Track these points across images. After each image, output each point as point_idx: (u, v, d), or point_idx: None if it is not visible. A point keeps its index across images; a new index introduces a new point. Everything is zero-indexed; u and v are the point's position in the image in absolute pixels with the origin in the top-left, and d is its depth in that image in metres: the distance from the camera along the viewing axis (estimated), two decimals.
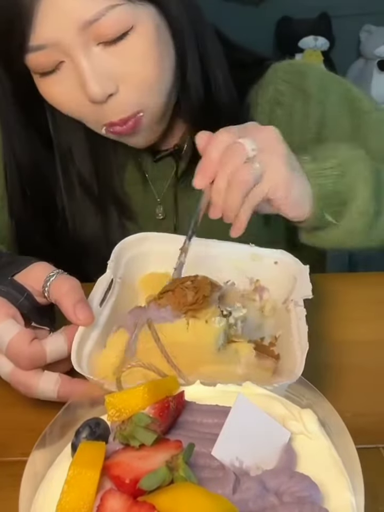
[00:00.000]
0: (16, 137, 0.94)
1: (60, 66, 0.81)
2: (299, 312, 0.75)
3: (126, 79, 0.81)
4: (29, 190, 0.97)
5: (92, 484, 0.48)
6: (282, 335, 0.78)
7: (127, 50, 0.80)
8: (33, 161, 0.96)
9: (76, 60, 0.79)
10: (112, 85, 0.81)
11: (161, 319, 0.72)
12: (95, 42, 0.79)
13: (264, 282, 0.80)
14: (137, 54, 0.81)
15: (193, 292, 0.72)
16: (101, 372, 0.69)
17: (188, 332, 0.71)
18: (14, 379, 0.70)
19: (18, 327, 0.70)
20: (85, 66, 0.79)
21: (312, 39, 2.99)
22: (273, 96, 0.99)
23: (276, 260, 0.84)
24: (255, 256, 0.84)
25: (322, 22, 2.99)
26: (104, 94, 0.80)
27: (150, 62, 0.82)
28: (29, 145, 0.95)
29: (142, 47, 0.81)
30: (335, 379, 0.74)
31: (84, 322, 0.71)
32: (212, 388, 0.61)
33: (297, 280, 0.80)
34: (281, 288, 0.81)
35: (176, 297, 0.72)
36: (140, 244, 0.86)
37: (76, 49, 0.78)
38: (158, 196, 1.02)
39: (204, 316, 0.72)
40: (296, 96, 0.98)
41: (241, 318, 0.75)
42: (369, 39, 3.00)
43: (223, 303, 0.75)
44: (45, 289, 0.74)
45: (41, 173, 0.97)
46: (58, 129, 0.94)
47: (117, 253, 0.83)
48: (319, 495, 0.49)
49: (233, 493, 0.48)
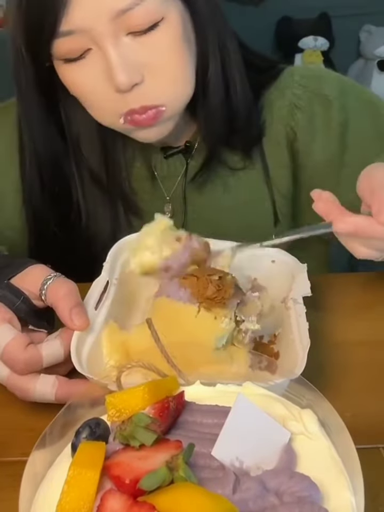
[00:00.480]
0: (36, 128, 0.94)
1: (86, 53, 0.81)
2: (299, 309, 0.75)
3: (152, 69, 0.82)
4: (47, 180, 0.97)
5: (92, 484, 0.48)
6: (282, 333, 0.78)
7: (155, 41, 0.81)
8: (52, 152, 0.96)
9: (104, 48, 0.79)
10: (138, 75, 0.81)
11: (177, 297, 0.73)
12: (125, 32, 0.80)
13: (262, 281, 0.81)
14: (165, 46, 0.82)
15: (215, 289, 0.73)
16: (100, 372, 0.69)
17: (195, 319, 0.72)
18: (11, 384, 0.70)
19: (14, 332, 0.70)
20: (113, 55, 0.79)
21: (312, 39, 2.99)
22: (291, 100, 0.99)
23: (273, 259, 0.85)
24: (252, 255, 0.84)
25: (322, 22, 2.99)
26: (130, 83, 0.81)
27: (176, 54, 0.83)
28: (48, 136, 0.95)
29: (170, 39, 0.82)
30: (335, 379, 0.74)
31: (80, 328, 0.71)
32: (212, 388, 0.61)
33: (295, 279, 0.81)
34: (279, 286, 0.81)
35: (198, 286, 0.73)
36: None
37: (106, 38, 0.79)
38: (167, 193, 1.02)
39: (215, 313, 0.72)
40: (314, 101, 0.98)
41: (251, 331, 0.75)
42: (369, 39, 3.00)
43: (240, 310, 0.75)
44: (42, 292, 0.74)
45: (58, 164, 0.97)
46: (70, 121, 0.94)
47: (113, 254, 0.83)
48: (319, 495, 0.49)
49: (233, 493, 0.48)
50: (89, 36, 0.79)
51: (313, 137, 0.89)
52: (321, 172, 1.00)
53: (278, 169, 1.00)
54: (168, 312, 0.73)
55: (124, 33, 0.80)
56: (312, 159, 1.00)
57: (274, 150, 0.99)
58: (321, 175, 1.00)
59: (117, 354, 0.73)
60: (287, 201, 1.03)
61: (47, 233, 1.00)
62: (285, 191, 1.02)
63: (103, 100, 0.85)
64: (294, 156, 1.01)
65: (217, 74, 0.91)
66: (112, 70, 0.80)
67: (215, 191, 1.00)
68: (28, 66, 0.87)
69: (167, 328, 0.71)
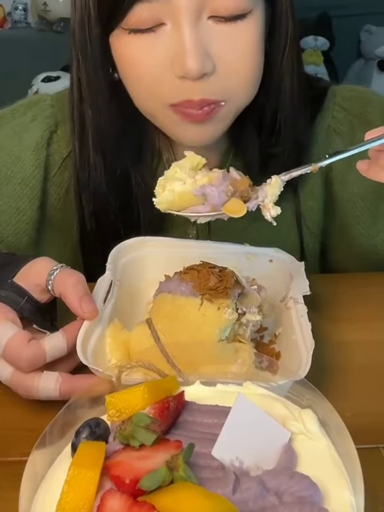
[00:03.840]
0: (100, 103, 0.88)
1: (158, 28, 0.76)
2: (300, 309, 0.75)
3: (226, 62, 0.77)
4: (110, 161, 0.91)
5: (92, 484, 0.48)
6: (282, 333, 0.78)
7: (236, 33, 0.76)
8: (114, 130, 0.90)
9: (181, 26, 0.74)
10: (211, 64, 0.76)
11: (179, 292, 0.74)
12: (208, 15, 0.75)
13: (260, 280, 0.81)
14: (246, 41, 0.78)
15: (216, 279, 0.73)
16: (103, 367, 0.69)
17: (198, 311, 0.72)
18: (14, 383, 0.70)
19: (15, 329, 0.70)
20: (189, 36, 0.74)
21: (312, 39, 2.99)
22: (330, 124, 0.94)
23: (271, 258, 0.85)
24: (250, 255, 0.84)
25: (322, 22, 2.99)
26: (200, 71, 0.75)
27: (252, 52, 0.79)
28: (110, 113, 0.88)
29: (250, 35, 0.78)
30: (335, 379, 0.74)
31: (89, 316, 0.71)
32: (212, 388, 0.61)
33: (293, 277, 0.81)
34: (278, 285, 0.81)
35: (200, 278, 0.74)
36: (137, 248, 0.86)
37: (187, 14, 0.73)
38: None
39: (218, 304, 0.73)
40: (355, 126, 0.93)
41: (253, 322, 0.75)
42: (369, 39, 3.01)
43: (241, 303, 0.76)
44: (48, 283, 0.73)
45: (119, 144, 0.91)
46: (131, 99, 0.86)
47: (114, 257, 0.83)
48: (319, 495, 0.49)
49: (233, 493, 0.48)
50: (171, 8, 0.73)
51: (351, 166, 0.81)
52: (357, 205, 0.94)
53: (309, 201, 0.96)
54: (171, 308, 0.74)
55: (207, 15, 0.75)
56: (348, 190, 0.94)
57: (308, 179, 0.95)
58: (357, 209, 0.94)
59: (119, 352, 0.73)
60: (315, 237, 0.99)
61: (107, 218, 0.94)
62: (315, 226, 0.98)
63: (160, 83, 0.79)
64: (327, 186, 0.96)
65: (292, 90, 0.85)
66: (184, 52, 0.74)
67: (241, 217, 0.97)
68: (95, 35, 0.81)
69: (171, 324, 0.71)
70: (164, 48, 0.76)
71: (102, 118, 0.88)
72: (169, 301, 0.74)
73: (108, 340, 0.74)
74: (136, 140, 0.92)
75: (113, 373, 0.62)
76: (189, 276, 0.75)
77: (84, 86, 0.87)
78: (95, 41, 0.82)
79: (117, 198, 0.93)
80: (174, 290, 0.74)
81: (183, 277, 0.75)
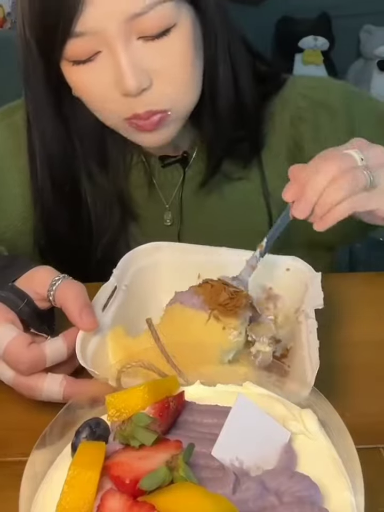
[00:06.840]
0: (46, 126, 0.93)
1: (95, 56, 0.81)
2: (310, 325, 0.72)
3: (161, 74, 0.82)
4: (57, 180, 0.97)
5: (92, 484, 0.48)
6: (293, 348, 0.76)
7: (166, 47, 0.81)
8: (60, 151, 0.95)
9: (115, 51, 0.79)
10: (147, 79, 0.81)
11: (190, 303, 0.73)
12: (136, 36, 0.80)
13: (277, 289, 0.79)
14: (175, 52, 0.82)
15: (227, 296, 0.72)
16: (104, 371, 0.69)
17: (203, 326, 0.72)
18: (18, 383, 0.70)
19: (16, 331, 0.70)
20: (124, 59, 0.79)
21: (312, 39, 2.99)
22: (294, 112, 0.98)
23: (288, 267, 0.82)
24: (266, 263, 0.80)
25: (322, 22, 2.99)
26: (139, 88, 0.80)
27: (186, 60, 0.83)
28: (56, 135, 0.94)
29: (181, 46, 0.82)
30: (335, 379, 0.74)
31: (89, 328, 0.71)
32: (212, 387, 0.61)
33: (308, 288, 0.78)
34: (294, 295, 0.79)
35: (211, 292, 0.73)
36: (151, 254, 0.84)
37: (117, 41, 0.79)
38: (166, 202, 1.02)
39: (225, 323, 0.72)
40: (318, 112, 0.97)
41: (263, 353, 0.73)
42: (369, 39, 3.01)
43: (252, 329, 0.74)
44: (50, 293, 0.74)
45: (67, 163, 0.96)
46: (76, 120, 0.94)
47: (125, 262, 0.82)
48: (319, 495, 0.49)
49: (233, 493, 0.48)
50: (101, 38, 0.79)
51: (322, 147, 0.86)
52: None
53: (276, 181, 0.98)
54: (178, 319, 0.73)
55: (135, 37, 0.79)
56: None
57: (274, 161, 0.99)
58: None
59: (120, 356, 0.72)
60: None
61: (58, 233, 0.99)
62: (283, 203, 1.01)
63: (108, 102, 0.85)
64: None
65: (228, 79, 0.90)
66: (121, 73, 0.79)
67: (211, 200, 0.99)
68: (37, 64, 0.87)
69: (175, 334, 0.71)
70: (105, 73, 0.81)
71: (47, 138, 0.95)
72: (180, 311, 0.73)
73: (110, 345, 0.73)
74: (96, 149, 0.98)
75: (112, 374, 0.62)
76: (202, 289, 0.74)
77: (30, 112, 0.94)
78: (39, 71, 0.88)
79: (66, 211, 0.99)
80: (186, 301, 0.74)
81: (196, 289, 0.74)
